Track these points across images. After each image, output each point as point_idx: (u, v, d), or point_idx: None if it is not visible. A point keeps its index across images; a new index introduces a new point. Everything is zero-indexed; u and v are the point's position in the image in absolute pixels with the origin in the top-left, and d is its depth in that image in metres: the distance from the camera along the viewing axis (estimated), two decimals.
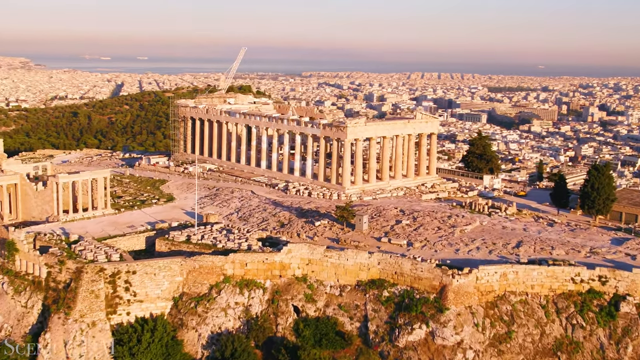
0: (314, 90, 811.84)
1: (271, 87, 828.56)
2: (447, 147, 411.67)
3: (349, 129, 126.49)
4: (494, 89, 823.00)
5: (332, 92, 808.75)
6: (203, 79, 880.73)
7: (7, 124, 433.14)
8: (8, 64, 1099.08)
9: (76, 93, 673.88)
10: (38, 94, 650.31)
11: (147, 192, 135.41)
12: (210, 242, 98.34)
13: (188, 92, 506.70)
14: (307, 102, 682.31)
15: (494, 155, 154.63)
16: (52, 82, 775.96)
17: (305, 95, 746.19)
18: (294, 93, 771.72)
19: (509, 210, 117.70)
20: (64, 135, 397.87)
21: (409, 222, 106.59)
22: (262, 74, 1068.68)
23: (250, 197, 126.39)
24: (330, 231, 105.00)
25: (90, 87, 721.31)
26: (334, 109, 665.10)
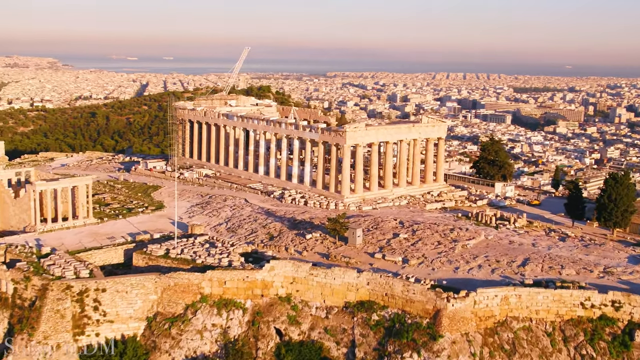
0: (338, 91, 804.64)
1: (295, 87, 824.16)
2: (469, 149, 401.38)
3: (347, 134, 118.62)
4: (519, 89, 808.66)
5: (355, 92, 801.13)
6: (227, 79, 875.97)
7: (25, 125, 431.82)
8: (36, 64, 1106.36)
9: (101, 93, 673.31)
10: (63, 94, 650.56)
11: (137, 199, 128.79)
12: (189, 257, 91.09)
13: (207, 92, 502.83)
14: (330, 103, 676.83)
15: (507, 161, 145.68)
16: (78, 82, 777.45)
17: (328, 96, 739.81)
18: (317, 93, 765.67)
19: (518, 222, 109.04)
20: (80, 136, 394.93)
21: (407, 236, 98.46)
22: (286, 74, 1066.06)
23: (242, 206, 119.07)
24: (321, 245, 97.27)
25: (115, 87, 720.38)
26: (357, 109, 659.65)
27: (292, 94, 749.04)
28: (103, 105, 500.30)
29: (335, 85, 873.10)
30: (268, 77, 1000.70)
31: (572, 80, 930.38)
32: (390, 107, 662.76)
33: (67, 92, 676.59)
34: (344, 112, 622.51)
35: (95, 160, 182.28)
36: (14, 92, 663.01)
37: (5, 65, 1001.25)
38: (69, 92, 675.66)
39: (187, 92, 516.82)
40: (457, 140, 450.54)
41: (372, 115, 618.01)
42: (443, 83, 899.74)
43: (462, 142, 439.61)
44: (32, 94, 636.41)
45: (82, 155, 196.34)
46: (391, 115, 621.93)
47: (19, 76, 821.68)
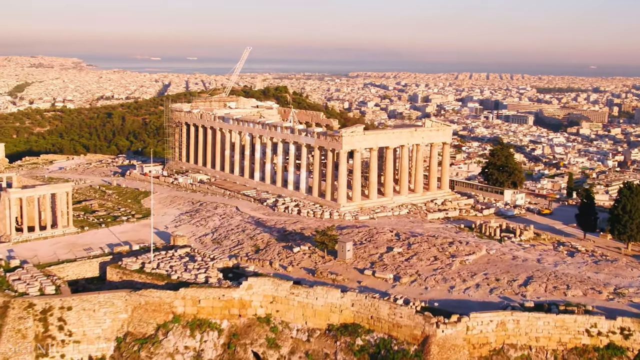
0: (359, 91, 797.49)
1: (316, 88, 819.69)
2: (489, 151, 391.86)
3: (344, 139, 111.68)
4: (542, 89, 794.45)
5: (376, 92, 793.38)
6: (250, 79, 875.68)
7: (42, 125, 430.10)
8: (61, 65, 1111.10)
9: (122, 93, 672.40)
10: (85, 94, 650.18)
11: (126, 206, 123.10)
12: (165, 272, 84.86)
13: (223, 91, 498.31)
14: (350, 103, 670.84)
15: (517, 167, 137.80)
16: (101, 82, 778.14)
17: (349, 96, 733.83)
18: (338, 94, 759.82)
19: (524, 235, 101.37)
20: (96, 137, 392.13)
21: (402, 250, 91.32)
22: (308, 74, 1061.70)
23: (232, 215, 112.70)
24: (309, 259, 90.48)
25: (137, 87, 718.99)
26: (377, 109, 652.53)
27: (313, 94, 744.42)
28: (120, 105, 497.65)
29: (357, 86, 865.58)
30: (290, 77, 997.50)
31: (597, 81, 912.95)
32: (411, 108, 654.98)
33: (89, 92, 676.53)
34: (364, 113, 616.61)
35: (94, 163, 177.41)
36: (37, 92, 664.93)
37: (31, 66, 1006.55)
38: (91, 92, 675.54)
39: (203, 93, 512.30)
40: (477, 141, 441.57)
41: (393, 116, 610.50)
42: (465, 83, 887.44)
43: (482, 143, 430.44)
44: (54, 94, 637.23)
45: (82, 158, 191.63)
46: (411, 116, 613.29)
47: (43, 76, 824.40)
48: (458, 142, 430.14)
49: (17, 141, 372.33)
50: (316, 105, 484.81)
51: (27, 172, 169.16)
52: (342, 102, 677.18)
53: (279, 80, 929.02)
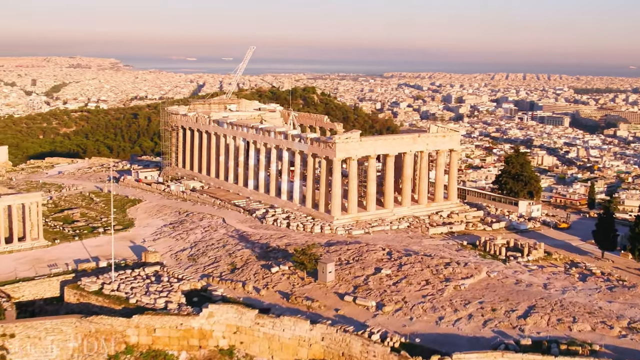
0: (392, 92, 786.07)
1: (349, 88, 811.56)
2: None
3: (338, 146, 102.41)
4: (580, 90, 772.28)
5: (410, 93, 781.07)
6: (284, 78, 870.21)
7: (68, 125, 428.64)
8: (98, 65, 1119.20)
9: (156, 93, 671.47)
10: (120, 94, 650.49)
11: (108, 215, 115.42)
12: (124, 295, 76.64)
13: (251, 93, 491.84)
14: (382, 104, 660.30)
15: (533, 176, 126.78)
16: (137, 82, 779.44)
17: (382, 97, 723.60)
18: (371, 94, 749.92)
19: (533, 254, 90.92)
20: (120, 137, 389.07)
21: (391, 272, 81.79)
22: (343, 75, 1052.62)
23: (216, 228, 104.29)
24: (287, 281, 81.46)
25: (171, 88, 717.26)
26: (409, 110, 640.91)
27: (345, 94, 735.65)
28: (147, 106, 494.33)
29: (391, 86, 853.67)
30: (324, 77, 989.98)
31: (637, 81, 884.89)
32: (444, 109, 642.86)
33: (123, 92, 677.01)
34: (396, 114, 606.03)
35: (95, 167, 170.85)
36: (73, 92, 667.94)
37: (69, 66, 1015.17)
38: (125, 92, 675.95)
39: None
40: (510, 143, 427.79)
41: (425, 117, 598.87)
42: (501, 84, 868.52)
43: (514, 145, 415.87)
44: (89, 94, 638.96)
45: (85, 162, 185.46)
46: (444, 117, 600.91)
47: (81, 77, 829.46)
48: (489, 144, 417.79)
49: (43, 142, 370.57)
50: (344, 106, 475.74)
51: (26, 176, 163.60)
52: (374, 103, 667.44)
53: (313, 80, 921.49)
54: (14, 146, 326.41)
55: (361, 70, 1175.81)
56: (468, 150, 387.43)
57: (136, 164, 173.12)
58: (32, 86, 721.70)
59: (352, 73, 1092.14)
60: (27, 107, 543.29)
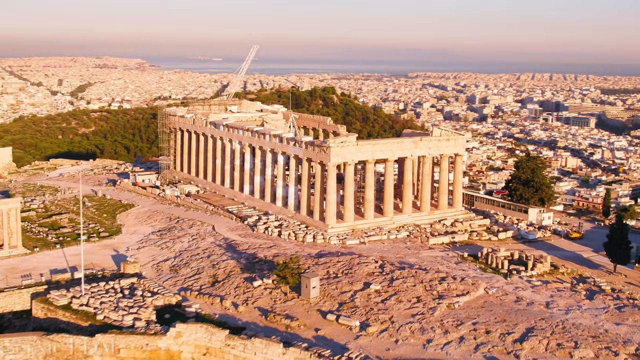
0: (416, 92, 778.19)
1: (373, 89, 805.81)
2: (545, 155, 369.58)
3: (332, 150, 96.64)
4: (607, 90, 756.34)
5: (434, 93, 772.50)
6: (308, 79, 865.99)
7: (87, 125, 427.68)
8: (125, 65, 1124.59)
9: (180, 93, 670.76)
10: (144, 94, 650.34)
11: (99, 221, 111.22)
12: (92, 310, 71.66)
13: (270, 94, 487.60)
14: (405, 104, 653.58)
15: (544, 182, 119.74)
16: (161, 82, 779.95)
17: (405, 97, 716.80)
18: (395, 94, 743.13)
19: (538, 268, 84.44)
20: (138, 138, 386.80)
21: (381, 287, 75.89)
22: (367, 75, 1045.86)
23: (204, 236, 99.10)
24: (268, 296, 75.91)
25: (195, 88, 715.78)
26: (433, 111, 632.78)
27: (369, 95, 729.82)
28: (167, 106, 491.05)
29: (415, 86, 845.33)
30: (348, 77, 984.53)
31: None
32: (468, 109, 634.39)
33: (147, 92, 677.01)
34: (419, 114, 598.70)
35: (97, 170, 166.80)
36: (97, 92, 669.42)
37: (95, 66, 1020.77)
38: (149, 92, 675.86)
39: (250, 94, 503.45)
40: (533, 144, 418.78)
41: (449, 118, 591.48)
42: (527, 84, 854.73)
43: (537, 147, 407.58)
44: (114, 94, 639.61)
45: (89, 164, 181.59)
46: (468, 117, 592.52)
47: (106, 77, 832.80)
48: (512, 145, 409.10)
49: (61, 142, 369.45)
50: (364, 107, 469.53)
51: (27, 178, 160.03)
52: (397, 103, 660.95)
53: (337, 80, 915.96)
54: (32, 146, 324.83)
55: (386, 70, 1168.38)
56: (489, 151, 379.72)
57: (139, 166, 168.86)
58: (58, 86, 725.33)
59: (376, 73, 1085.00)
60: (51, 107, 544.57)
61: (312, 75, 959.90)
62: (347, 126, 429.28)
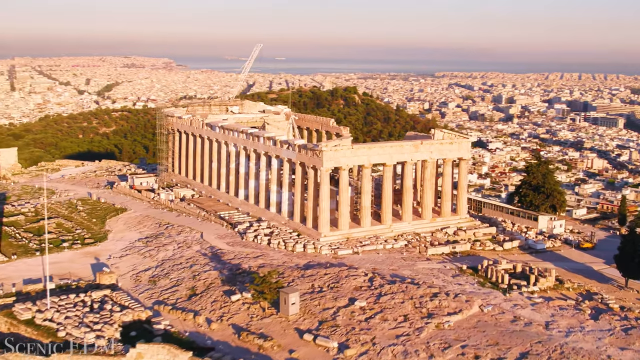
0: (442, 92, 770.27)
1: (399, 88, 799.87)
2: (570, 156, 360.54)
3: (325, 154, 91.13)
4: (637, 90, 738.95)
5: (460, 93, 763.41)
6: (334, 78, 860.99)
7: (108, 125, 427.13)
8: (152, 65, 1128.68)
9: (206, 93, 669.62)
10: (169, 94, 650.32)
11: (87, 227, 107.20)
12: (55, 325, 67.14)
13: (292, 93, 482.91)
14: (431, 104, 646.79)
15: (556, 188, 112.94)
16: (188, 82, 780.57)
17: (431, 97, 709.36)
18: (421, 94, 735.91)
19: (541, 282, 78.18)
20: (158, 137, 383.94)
21: (367, 304, 70.30)
22: (393, 74, 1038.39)
23: (191, 244, 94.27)
24: (246, 312, 70.74)
25: (220, 87, 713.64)
26: (458, 111, 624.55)
27: (394, 94, 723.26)
28: None
29: (441, 86, 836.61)
30: (374, 77, 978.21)
31: None
32: (494, 109, 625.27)
33: (173, 91, 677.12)
34: (444, 114, 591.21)
35: (100, 171, 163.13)
36: (124, 91, 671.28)
37: (123, 66, 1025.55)
38: (175, 91, 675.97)
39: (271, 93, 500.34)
40: (559, 145, 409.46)
41: (474, 118, 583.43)
42: (555, 84, 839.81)
43: (563, 147, 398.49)
44: (140, 94, 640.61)
45: (94, 165, 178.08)
46: (493, 118, 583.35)
47: (134, 76, 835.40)
48: (537, 145, 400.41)
49: (81, 141, 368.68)
50: (385, 107, 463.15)
51: (28, 180, 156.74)
52: (422, 103, 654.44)
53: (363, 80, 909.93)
54: (52, 145, 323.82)
55: (413, 69, 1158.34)
56: (513, 152, 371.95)
57: (144, 167, 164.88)
58: (86, 85, 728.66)
59: (403, 72, 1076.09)
60: (76, 106, 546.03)
61: (338, 75, 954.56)
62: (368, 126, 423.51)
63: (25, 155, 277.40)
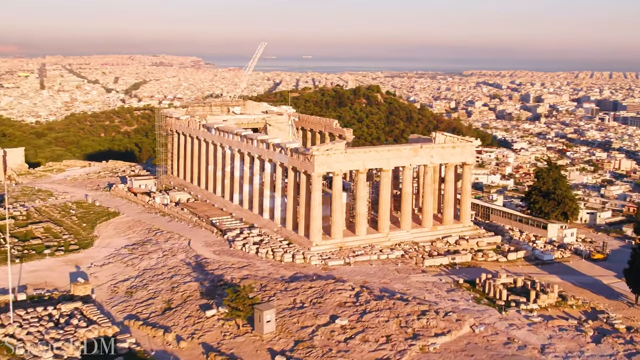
0: (470, 90, 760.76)
1: (426, 87, 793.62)
2: (597, 157, 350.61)
3: (316, 159, 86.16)
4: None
5: (488, 91, 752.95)
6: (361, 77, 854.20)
7: (129, 123, 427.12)
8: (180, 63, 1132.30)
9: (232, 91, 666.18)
10: (196, 92, 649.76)
11: (75, 232, 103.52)
12: (15, 342, 63.07)
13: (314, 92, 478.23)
14: (457, 102, 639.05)
15: (568, 194, 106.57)
16: (215, 80, 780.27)
17: (458, 95, 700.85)
18: (448, 93, 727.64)
19: (542, 299, 72.39)
20: None
21: (349, 322, 65.24)
22: (421, 73, 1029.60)
23: (176, 252, 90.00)
24: (219, 329, 66.12)
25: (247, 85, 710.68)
26: (485, 109, 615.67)
27: (420, 93, 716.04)
28: None
29: (469, 85, 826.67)
30: (402, 75, 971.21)
31: None
32: (522, 108, 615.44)
33: (200, 90, 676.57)
34: (471, 113, 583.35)
35: (103, 172, 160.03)
36: (151, 89, 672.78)
37: (152, 64, 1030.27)
38: (202, 90, 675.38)
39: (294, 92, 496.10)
40: (586, 145, 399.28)
41: (502, 117, 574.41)
42: (585, 82, 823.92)
43: (590, 148, 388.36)
44: (166, 92, 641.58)
45: (100, 166, 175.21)
46: (521, 117, 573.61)
47: (162, 74, 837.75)
48: (563, 145, 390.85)
49: (102, 140, 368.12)
50: (409, 106, 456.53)
51: (31, 181, 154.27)
52: (448, 102, 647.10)
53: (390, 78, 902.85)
54: (73, 144, 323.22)
55: (441, 68, 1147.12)
56: (538, 152, 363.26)
57: (149, 169, 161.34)
58: (114, 84, 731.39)
59: (430, 71, 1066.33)
60: (102, 105, 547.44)
61: (365, 73, 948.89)
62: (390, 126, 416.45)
63: (46, 153, 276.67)
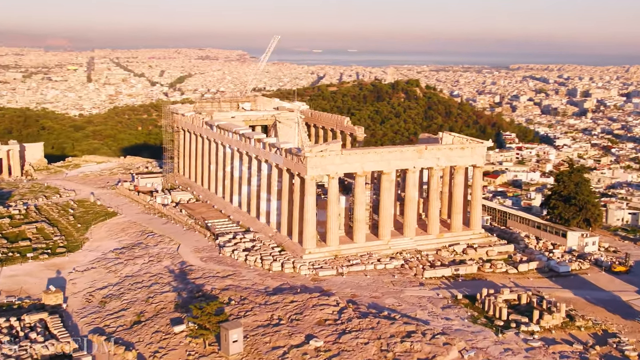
0: (515, 84, 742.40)
1: (471, 81, 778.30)
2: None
3: (309, 161, 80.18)
4: None
5: (534, 86, 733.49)
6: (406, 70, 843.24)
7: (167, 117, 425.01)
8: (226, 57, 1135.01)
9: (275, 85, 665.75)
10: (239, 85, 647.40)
11: (69, 233, 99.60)
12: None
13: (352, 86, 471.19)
14: (502, 97, 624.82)
15: (590, 200, 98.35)
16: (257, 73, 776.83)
17: (503, 90, 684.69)
18: (492, 87, 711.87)
19: (546, 319, 65.26)
20: None
21: (325, 343, 59.32)
22: (467, 67, 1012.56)
23: (162, 258, 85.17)
24: (185, 347, 60.89)
25: (290, 79, 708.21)
26: (530, 104, 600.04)
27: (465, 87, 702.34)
28: None
29: (515, 79, 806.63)
30: (447, 69, 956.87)
31: None
32: (568, 103, 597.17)
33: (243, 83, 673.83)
34: (515, 108, 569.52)
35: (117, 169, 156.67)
36: (195, 83, 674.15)
37: (197, 58, 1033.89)
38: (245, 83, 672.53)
39: (331, 87, 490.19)
40: (633, 142, 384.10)
41: (547, 112, 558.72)
42: (636, 77, 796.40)
43: (638, 144, 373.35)
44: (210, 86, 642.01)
45: (117, 161, 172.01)
46: (567, 112, 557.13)
47: (207, 68, 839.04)
48: (608, 142, 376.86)
49: (139, 134, 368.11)
50: (448, 100, 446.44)
51: (44, 177, 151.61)
52: (493, 96, 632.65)
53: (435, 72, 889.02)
54: (110, 137, 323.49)
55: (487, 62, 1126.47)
56: (582, 149, 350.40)
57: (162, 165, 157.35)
58: (159, 77, 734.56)
59: (476, 65, 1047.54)
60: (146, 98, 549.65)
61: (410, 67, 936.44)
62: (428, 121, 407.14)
63: (83, 147, 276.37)
